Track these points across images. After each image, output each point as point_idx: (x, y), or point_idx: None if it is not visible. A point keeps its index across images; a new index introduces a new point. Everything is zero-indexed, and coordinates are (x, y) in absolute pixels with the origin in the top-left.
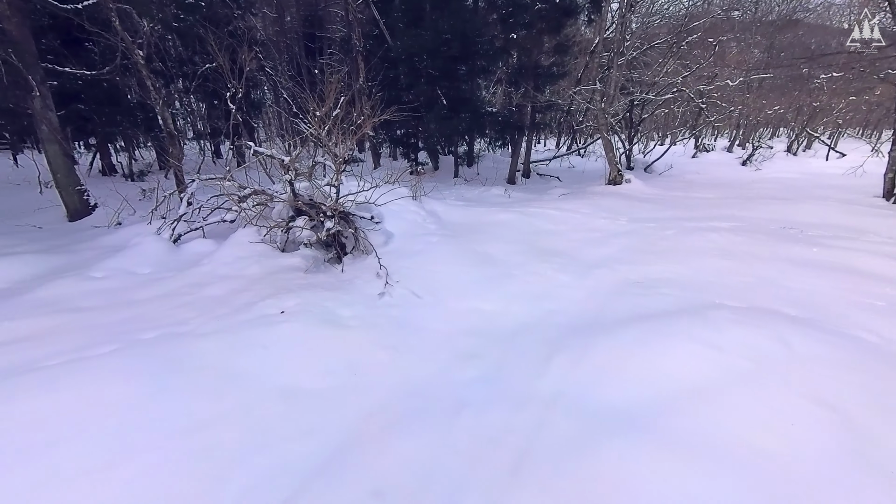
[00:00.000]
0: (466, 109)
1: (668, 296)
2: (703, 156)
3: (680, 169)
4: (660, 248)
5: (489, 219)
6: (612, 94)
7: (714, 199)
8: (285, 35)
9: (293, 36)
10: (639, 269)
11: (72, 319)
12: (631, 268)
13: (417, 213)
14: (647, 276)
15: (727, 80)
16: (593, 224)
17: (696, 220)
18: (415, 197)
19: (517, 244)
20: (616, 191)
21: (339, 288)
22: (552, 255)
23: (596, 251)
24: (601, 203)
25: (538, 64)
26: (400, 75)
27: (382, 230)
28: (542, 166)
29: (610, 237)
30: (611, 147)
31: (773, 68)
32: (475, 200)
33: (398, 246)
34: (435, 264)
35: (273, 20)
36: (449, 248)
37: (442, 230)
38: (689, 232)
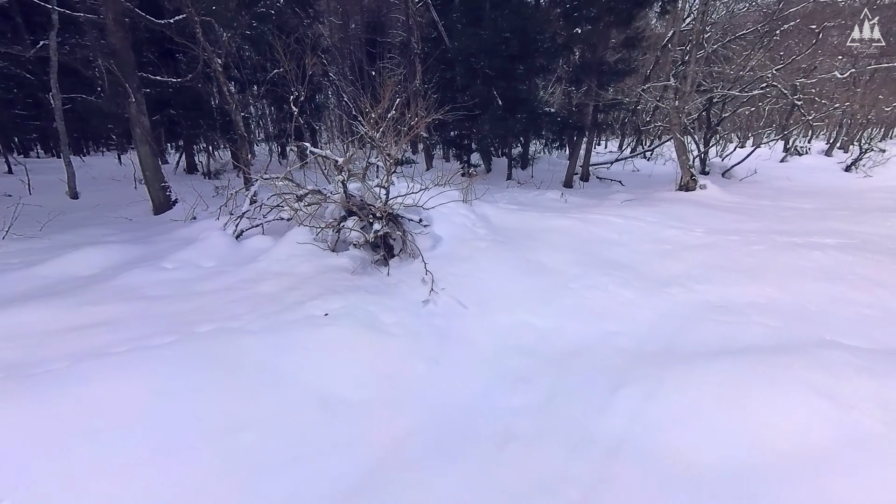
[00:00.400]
0: (523, 109)
1: (761, 326)
2: (794, 160)
3: (766, 174)
4: (746, 265)
5: (543, 224)
6: (687, 91)
7: (812, 210)
8: (349, 42)
9: (356, 42)
10: (720, 289)
11: (142, 307)
12: (710, 288)
13: (467, 216)
14: (732, 299)
15: (833, 72)
16: (662, 234)
17: (790, 233)
18: (465, 200)
19: (574, 253)
20: (688, 198)
21: (383, 292)
22: (614, 268)
23: (666, 266)
24: (671, 211)
25: (603, 60)
26: (456, 76)
27: (430, 234)
28: (603, 169)
29: (682, 250)
30: (684, 149)
31: (892, 56)
32: (529, 204)
33: (446, 250)
34: (483, 272)
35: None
36: (499, 255)
37: (492, 235)
38: (782, 248)
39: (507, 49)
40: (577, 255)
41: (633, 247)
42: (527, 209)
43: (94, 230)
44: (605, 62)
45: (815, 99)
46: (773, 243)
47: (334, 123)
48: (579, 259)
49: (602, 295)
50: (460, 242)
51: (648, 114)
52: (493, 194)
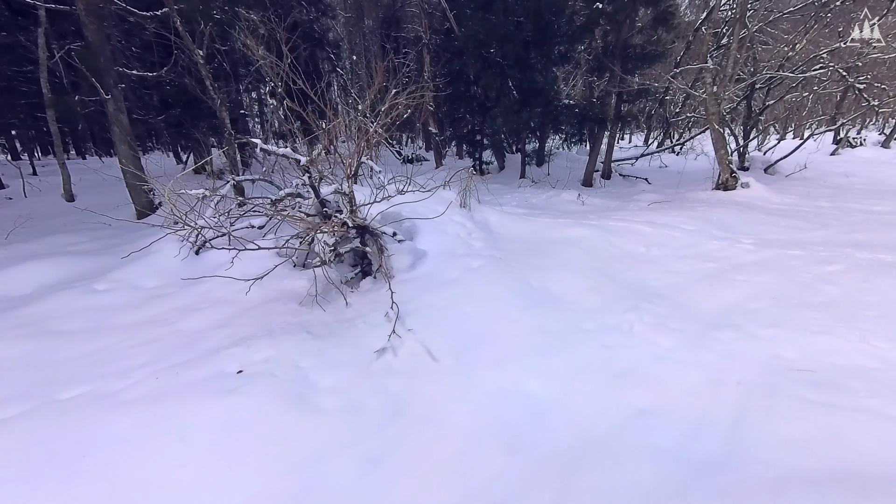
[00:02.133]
0: (538, 101)
1: (885, 419)
2: (846, 152)
3: (817, 170)
4: (825, 296)
5: (555, 234)
6: (729, 74)
7: (888, 215)
8: (364, 37)
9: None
10: (796, 337)
11: (30, 349)
12: (780, 334)
13: (463, 224)
14: (819, 356)
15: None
16: (703, 248)
17: (871, 247)
18: (463, 204)
19: (592, 275)
20: (729, 198)
21: (332, 333)
22: (642, 297)
23: (712, 294)
24: (710, 216)
25: (628, 43)
26: (466, 67)
27: (411, 248)
28: (627, 166)
29: (731, 270)
30: (723, 142)
31: None
32: (541, 207)
33: (428, 271)
34: (470, 303)
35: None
36: (493, 279)
37: (490, 249)
38: (868, 269)
39: (521, 34)
40: (595, 277)
41: (667, 264)
42: (538, 214)
43: (64, 238)
44: (631, 45)
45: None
46: (852, 261)
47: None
48: (597, 284)
49: (627, 343)
50: (449, 259)
51: (678, 105)
52: (503, 195)
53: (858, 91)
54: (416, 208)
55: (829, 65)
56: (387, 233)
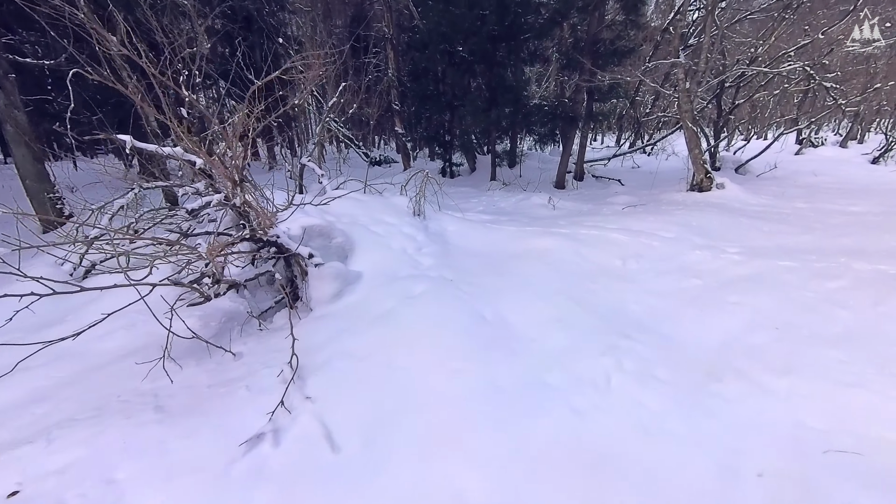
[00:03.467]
0: (507, 99)
1: None
2: (810, 152)
3: (786, 169)
4: (838, 324)
5: (520, 246)
6: (702, 69)
7: (867, 216)
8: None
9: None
10: (822, 391)
11: None
12: (799, 385)
13: (413, 237)
14: (858, 424)
15: (873, 43)
16: (685, 259)
17: (865, 254)
18: (417, 212)
19: (559, 300)
20: (706, 200)
21: (190, 410)
22: (622, 331)
23: (704, 323)
24: (689, 221)
25: (597, 38)
26: (430, 62)
27: (338, 271)
28: (600, 167)
29: (721, 289)
30: (697, 141)
31: None
32: (509, 213)
33: (356, 301)
34: (401, 349)
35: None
36: (437, 310)
37: (441, 268)
38: (874, 285)
39: (486, 28)
40: (563, 303)
41: (647, 282)
42: (503, 221)
43: None
44: (601, 39)
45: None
46: (853, 275)
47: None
48: (566, 312)
49: (604, 404)
50: (387, 283)
51: (648, 105)
52: (470, 199)
53: (826, 89)
54: (356, 218)
55: (797, 62)
56: (301, 254)
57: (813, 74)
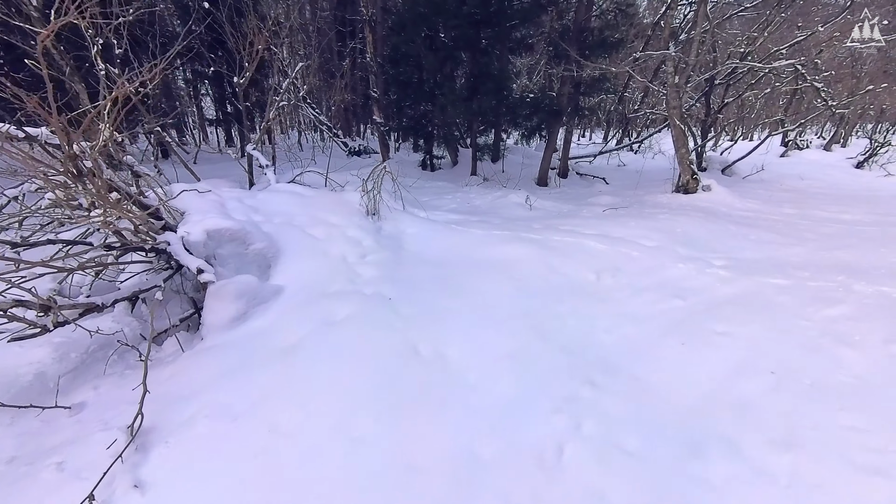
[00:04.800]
0: (489, 89)
1: None
2: (795, 154)
3: (773, 172)
4: (845, 369)
5: (484, 254)
6: (692, 64)
7: (859, 224)
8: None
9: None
10: (837, 483)
11: None
12: (805, 468)
13: (359, 241)
14: None
15: (873, 43)
16: (667, 273)
17: (866, 274)
18: (371, 211)
19: (517, 328)
20: (691, 203)
21: None
22: (587, 374)
23: (686, 362)
24: (674, 227)
25: (586, 27)
26: (408, 46)
27: (247, 287)
28: (585, 164)
29: (707, 315)
30: (684, 140)
31: None
32: (483, 212)
33: (261, 327)
34: (290, 404)
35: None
36: (358, 342)
37: (382, 282)
38: (881, 312)
39: (466, 8)
40: (521, 332)
41: (622, 303)
42: (473, 222)
43: None
44: (589, 28)
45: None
46: (854, 298)
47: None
48: (522, 346)
49: (549, 496)
50: (308, 303)
51: (636, 102)
52: (444, 195)
53: (816, 90)
54: (293, 218)
55: (790, 60)
56: (189, 267)
57: (804, 74)
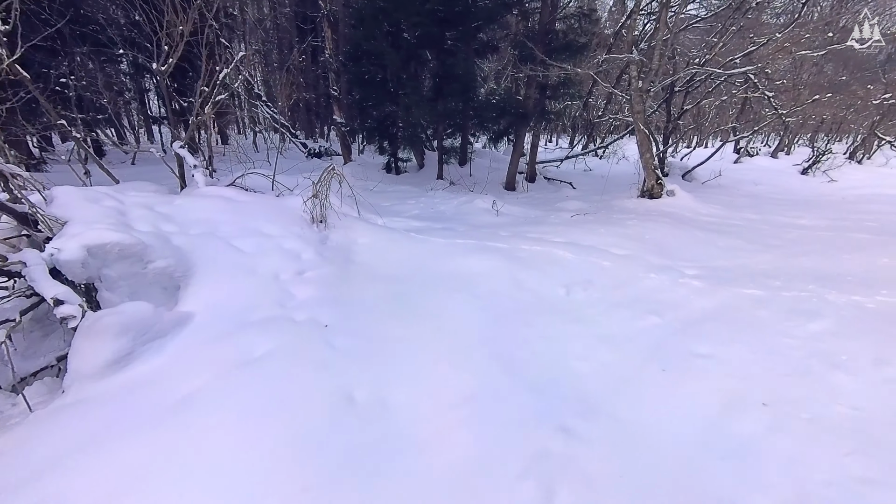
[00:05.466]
0: (454, 90)
1: None
2: (747, 161)
3: (730, 177)
4: (842, 399)
5: (444, 267)
6: (654, 69)
7: (816, 229)
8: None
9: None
10: None
11: None
12: None
13: (297, 255)
14: None
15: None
16: (641, 286)
17: (835, 282)
18: (317, 219)
19: (477, 361)
20: (658, 208)
21: None
22: (560, 420)
23: (671, 394)
24: (643, 234)
25: (550, 29)
26: (367, 42)
27: (123, 321)
28: (552, 168)
29: (686, 334)
30: (648, 145)
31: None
32: (447, 218)
33: (150, 372)
34: (168, 492)
35: None
36: (275, 390)
37: (319, 303)
38: (860, 325)
39: (430, 5)
40: (483, 366)
41: (596, 322)
42: (436, 230)
43: None
44: (553, 30)
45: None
46: (832, 310)
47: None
48: (482, 385)
49: None
50: (220, 336)
51: (600, 108)
52: (407, 200)
53: (768, 98)
54: (216, 228)
55: (744, 68)
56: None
57: (756, 83)
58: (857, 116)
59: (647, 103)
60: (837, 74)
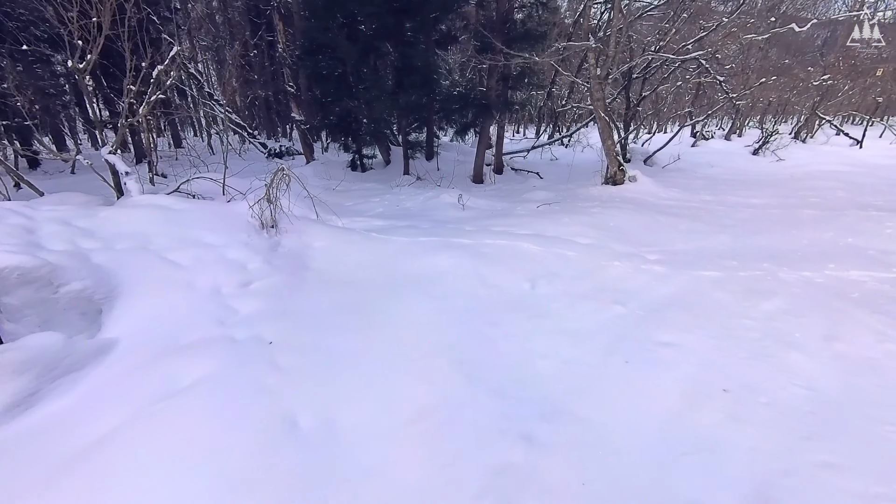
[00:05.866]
0: (413, 82)
1: None
2: (703, 144)
3: (687, 160)
4: (799, 381)
5: (407, 268)
6: (611, 56)
7: (767, 208)
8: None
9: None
10: None
11: None
12: None
13: (242, 265)
14: None
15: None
16: (605, 275)
17: (786, 259)
18: (268, 224)
19: (437, 369)
20: (620, 194)
21: None
22: (522, 427)
23: (634, 389)
24: (607, 221)
25: (508, 17)
26: (320, 34)
27: (20, 358)
28: (519, 159)
29: (648, 323)
30: (609, 132)
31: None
32: (413, 214)
33: (55, 414)
34: None
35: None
36: (204, 424)
37: (264, 317)
38: (811, 303)
39: None
40: (443, 374)
41: (560, 316)
42: (400, 228)
43: None
44: (512, 20)
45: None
46: (784, 288)
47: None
48: (442, 395)
49: None
50: (144, 365)
51: (564, 97)
52: (371, 198)
53: (719, 83)
54: (148, 241)
55: (696, 53)
56: None
57: (708, 68)
58: (799, 98)
59: (606, 91)
60: (781, 58)
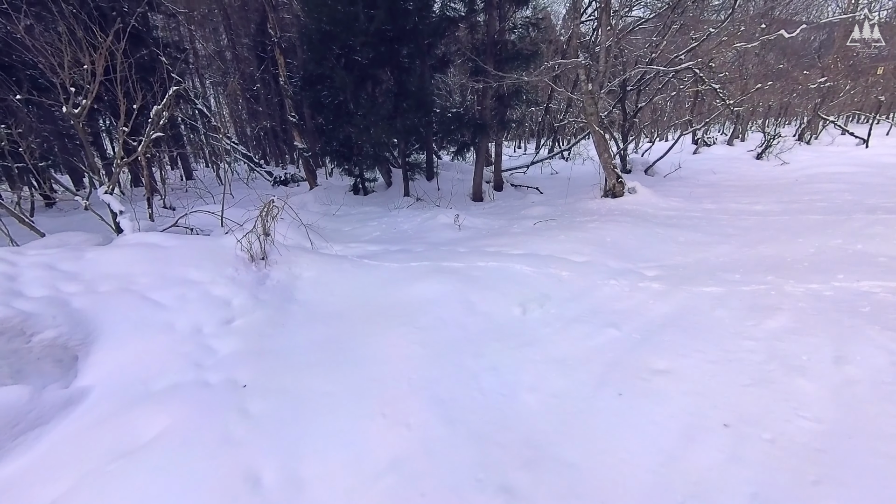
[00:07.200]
0: (410, 106)
1: None
2: (705, 150)
3: (689, 168)
4: (809, 412)
5: (393, 297)
6: (602, 71)
7: (771, 214)
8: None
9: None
10: None
11: None
12: None
13: (226, 301)
14: None
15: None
16: (599, 295)
17: (791, 270)
18: (257, 256)
19: (414, 412)
20: (619, 207)
21: None
22: (502, 477)
23: (626, 424)
24: (604, 237)
25: (499, 40)
26: (316, 65)
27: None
28: (519, 175)
29: (644, 348)
30: (605, 145)
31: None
32: (407, 238)
33: (9, 478)
34: None
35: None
36: (161, 489)
37: (241, 359)
38: (818, 319)
39: (373, 25)
40: (420, 418)
41: (550, 343)
42: (393, 252)
43: None
44: (502, 41)
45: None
46: (790, 304)
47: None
48: (416, 443)
49: None
50: (108, 417)
51: (562, 112)
52: (369, 222)
53: (715, 90)
54: (131, 281)
55: (688, 63)
56: None
57: (702, 77)
58: (800, 100)
59: (600, 104)
60: (778, 63)
